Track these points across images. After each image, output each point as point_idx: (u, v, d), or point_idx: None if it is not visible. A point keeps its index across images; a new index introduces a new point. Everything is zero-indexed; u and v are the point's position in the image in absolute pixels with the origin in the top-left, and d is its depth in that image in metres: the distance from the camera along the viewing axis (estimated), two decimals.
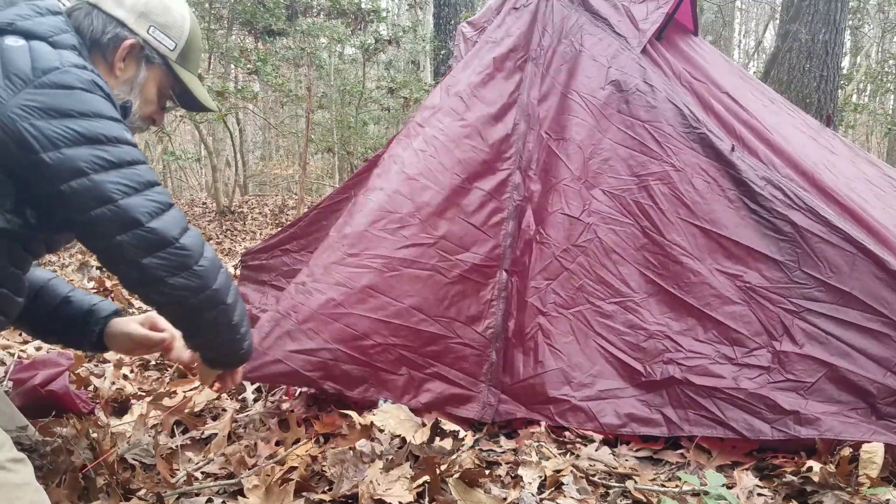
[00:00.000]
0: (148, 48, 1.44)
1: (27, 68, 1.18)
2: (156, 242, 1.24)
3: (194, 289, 1.30)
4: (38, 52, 1.21)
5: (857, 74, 10.52)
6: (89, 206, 1.19)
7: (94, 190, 1.19)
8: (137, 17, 1.42)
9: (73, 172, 1.18)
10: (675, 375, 1.93)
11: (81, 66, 1.24)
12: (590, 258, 2.18)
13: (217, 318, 1.40)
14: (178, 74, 1.49)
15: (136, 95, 1.46)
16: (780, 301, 1.94)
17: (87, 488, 1.48)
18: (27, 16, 1.27)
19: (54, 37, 1.27)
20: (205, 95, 1.55)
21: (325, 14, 8.84)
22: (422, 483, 1.56)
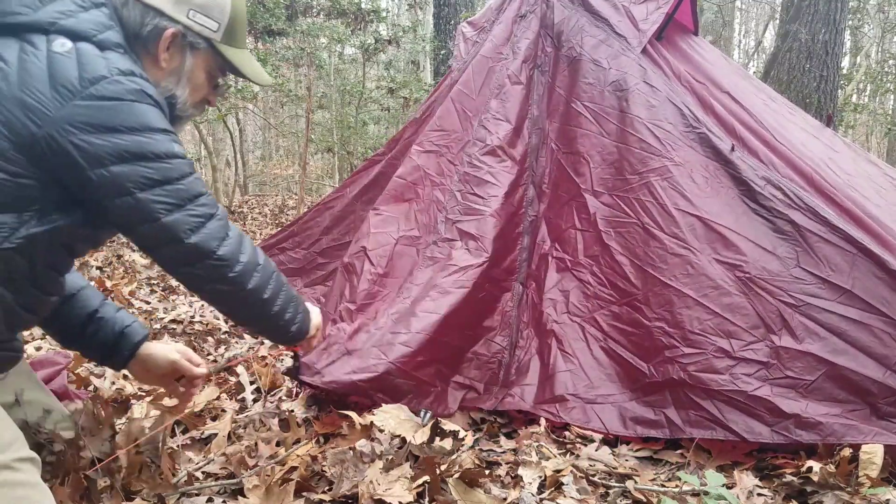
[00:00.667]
0: (191, 34, 1.37)
1: (74, 79, 1.15)
2: (194, 256, 1.28)
3: (229, 293, 1.36)
4: (86, 58, 1.18)
5: (857, 74, 10.52)
6: (133, 222, 1.23)
7: (138, 208, 1.21)
8: (175, 3, 1.34)
9: (119, 191, 1.19)
10: (675, 376, 1.93)
11: (129, 72, 1.21)
12: (602, 267, 2.23)
13: (254, 312, 1.45)
14: (225, 54, 1.43)
15: (185, 85, 1.41)
16: (780, 294, 1.93)
17: (88, 489, 1.48)
18: (70, 12, 1.23)
19: (98, 35, 1.23)
20: (256, 70, 1.49)
21: (325, 14, 8.84)
22: (422, 483, 1.55)
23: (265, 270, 1.42)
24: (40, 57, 1.16)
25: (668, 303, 2.03)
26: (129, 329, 1.61)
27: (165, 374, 1.64)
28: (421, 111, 3.00)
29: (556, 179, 2.44)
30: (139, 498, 1.51)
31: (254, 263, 1.39)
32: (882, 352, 1.79)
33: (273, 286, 1.44)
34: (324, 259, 3.12)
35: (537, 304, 2.28)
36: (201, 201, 1.29)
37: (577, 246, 2.30)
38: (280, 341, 1.64)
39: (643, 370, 2.02)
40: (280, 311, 1.49)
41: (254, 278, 1.38)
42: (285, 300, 1.49)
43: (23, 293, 1.23)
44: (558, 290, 2.27)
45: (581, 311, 2.20)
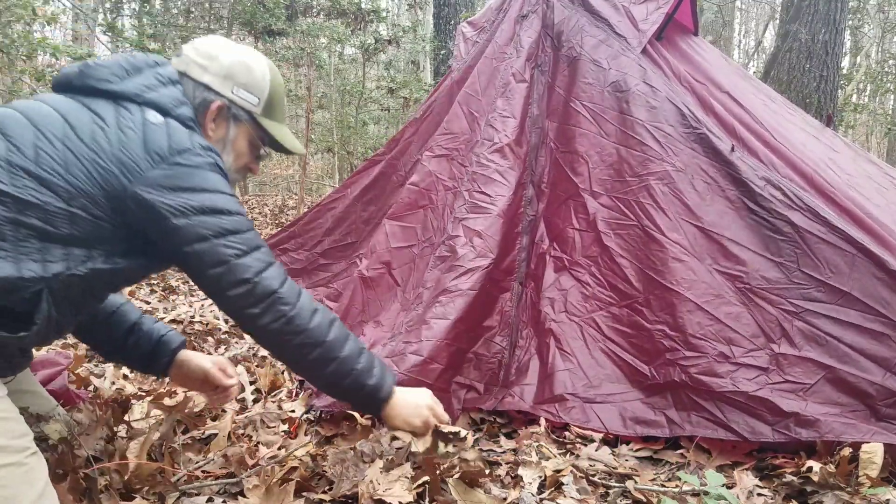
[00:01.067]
0: (234, 107, 1.57)
1: (164, 147, 1.36)
2: (259, 296, 1.42)
3: (292, 332, 1.46)
4: (174, 131, 1.39)
5: (857, 74, 10.52)
6: (208, 264, 1.38)
7: (213, 252, 1.38)
8: (222, 81, 1.55)
9: (198, 237, 1.36)
10: (677, 378, 1.93)
11: (207, 147, 1.43)
12: (601, 268, 2.23)
13: (316, 353, 1.52)
14: (264, 126, 1.62)
15: (229, 152, 1.60)
16: (779, 302, 1.94)
17: (89, 488, 1.48)
18: (152, 86, 1.44)
19: (176, 110, 1.44)
20: (291, 141, 1.68)
21: (325, 14, 8.84)
22: (422, 483, 1.55)
23: (325, 312, 1.53)
24: (136, 124, 1.37)
25: (670, 306, 2.04)
26: (165, 338, 1.78)
27: (203, 382, 1.80)
28: (421, 111, 3.00)
29: (554, 179, 2.44)
30: (139, 497, 1.52)
31: (313, 306, 1.52)
32: (882, 354, 1.79)
33: (337, 330, 1.54)
34: (326, 260, 3.12)
35: (536, 303, 2.28)
36: (263, 250, 1.47)
37: (575, 246, 2.30)
38: (356, 397, 1.62)
39: (644, 372, 2.02)
40: (347, 356, 1.54)
41: (314, 317, 1.50)
42: (353, 346, 1.57)
43: (64, 314, 1.36)
44: (556, 289, 2.27)
45: (579, 311, 2.20)
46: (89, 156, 1.31)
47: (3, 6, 5.48)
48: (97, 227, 1.33)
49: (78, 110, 1.37)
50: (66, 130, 1.33)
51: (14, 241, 1.23)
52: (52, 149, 1.30)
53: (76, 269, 1.31)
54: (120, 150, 1.33)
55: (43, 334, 1.34)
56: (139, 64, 1.48)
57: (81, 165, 1.30)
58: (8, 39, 5.49)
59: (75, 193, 1.29)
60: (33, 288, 1.26)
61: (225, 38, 1.66)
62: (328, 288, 2.99)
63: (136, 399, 2.13)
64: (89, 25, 9.58)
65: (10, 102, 1.44)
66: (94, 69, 1.43)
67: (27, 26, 6.40)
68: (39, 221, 1.26)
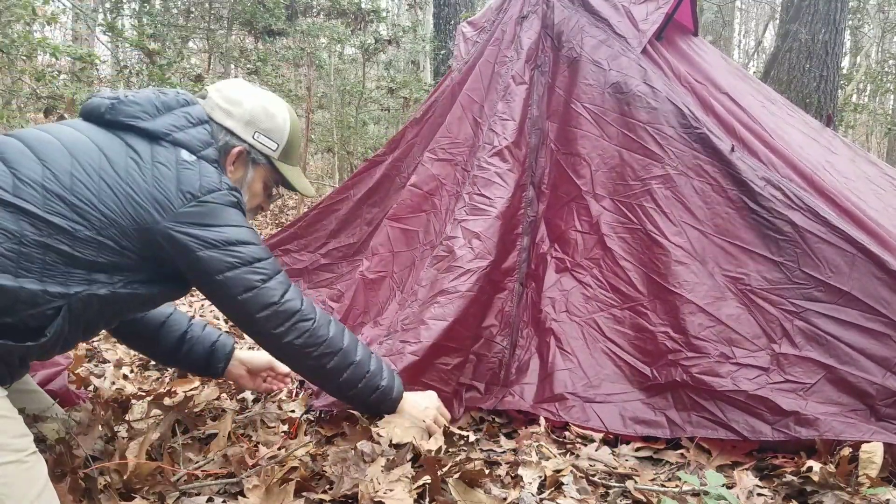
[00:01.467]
0: (254, 152, 1.65)
1: (196, 186, 1.44)
2: (285, 316, 1.53)
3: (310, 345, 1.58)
4: (205, 172, 1.48)
5: (857, 74, 10.52)
6: (237, 292, 1.47)
7: (241, 278, 1.47)
8: (244, 126, 1.63)
9: (226, 266, 1.45)
10: (678, 378, 1.93)
11: (233, 187, 1.52)
12: (603, 270, 2.23)
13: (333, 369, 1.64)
14: (280, 170, 1.70)
15: (245, 192, 1.67)
16: (780, 302, 1.94)
17: (88, 488, 1.48)
18: (181, 126, 1.51)
19: (202, 151, 1.51)
20: (304, 185, 1.76)
21: (325, 14, 8.84)
22: (422, 483, 1.55)
23: (336, 321, 1.65)
24: (171, 162, 1.44)
25: (673, 308, 2.04)
26: (218, 344, 1.90)
27: (256, 375, 1.97)
28: (421, 111, 3.00)
29: (555, 180, 2.45)
30: (139, 497, 1.52)
31: (326, 317, 1.62)
32: (882, 353, 1.79)
33: (348, 338, 1.65)
34: (327, 260, 3.13)
35: (537, 303, 2.28)
36: (282, 274, 1.57)
37: (577, 247, 2.30)
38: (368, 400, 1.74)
39: (645, 372, 2.02)
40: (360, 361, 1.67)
41: (330, 328, 1.61)
42: (364, 351, 1.69)
43: (74, 332, 1.41)
44: (557, 290, 2.27)
45: (580, 312, 2.20)
46: (124, 189, 1.37)
47: (3, 6, 5.48)
48: (123, 257, 1.39)
49: (113, 143, 1.43)
50: (101, 162, 1.38)
51: (41, 265, 1.28)
52: (87, 179, 1.34)
53: (97, 291, 1.36)
54: (154, 186, 1.39)
55: (48, 348, 1.36)
56: (171, 103, 1.53)
57: (115, 198, 1.36)
58: (8, 39, 5.49)
59: (107, 224, 1.34)
60: (55, 304, 1.30)
61: (248, 83, 1.72)
62: (331, 289, 2.99)
63: (136, 399, 2.13)
64: (89, 25, 9.57)
65: (44, 126, 1.48)
66: (126, 105, 1.48)
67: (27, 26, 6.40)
68: (67, 247, 1.31)
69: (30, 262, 1.26)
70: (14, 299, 1.24)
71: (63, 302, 1.31)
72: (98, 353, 2.72)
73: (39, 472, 1.27)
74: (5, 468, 1.21)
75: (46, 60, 7.46)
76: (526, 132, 2.48)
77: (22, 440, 1.28)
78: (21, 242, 1.25)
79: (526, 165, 2.44)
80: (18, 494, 1.21)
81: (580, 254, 2.28)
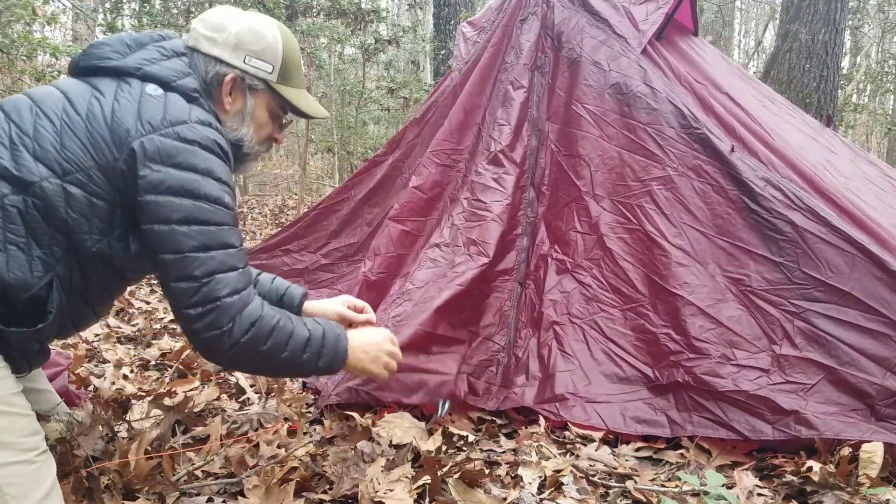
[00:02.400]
0: (248, 77, 1.52)
1: (159, 117, 1.32)
2: (201, 298, 1.33)
3: (223, 343, 1.36)
4: (172, 103, 1.36)
5: (857, 74, 10.52)
6: (160, 249, 1.32)
7: (170, 238, 1.31)
8: (232, 51, 1.49)
9: (160, 218, 1.30)
10: (680, 380, 1.93)
11: (206, 122, 1.38)
12: (603, 270, 2.23)
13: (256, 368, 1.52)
14: (282, 93, 1.56)
15: (249, 124, 1.55)
16: (781, 303, 1.94)
17: (91, 488, 1.48)
18: (154, 59, 1.42)
19: (178, 80, 1.41)
20: (312, 106, 1.62)
21: (325, 14, 8.84)
22: (422, 483, 1.56)
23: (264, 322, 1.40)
24: (134, 95, 1.35)
25: (675, 310, 2.04)
26: (288, 294, 1.78)
27: None
28: (421, 111, 3.00)
29: (555, 181, 2.45)
30: (141, 497, 1.52)
31: (264, 328, 1.39)
32: (882, 354, 1.79)
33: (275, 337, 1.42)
34: (327, 260, 3.12)
35: (537, 304, 2.28)
36: (231, 252, 1.37)
37: (577, 248, 2.31)
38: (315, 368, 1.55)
39: (647, 373, 2.02)
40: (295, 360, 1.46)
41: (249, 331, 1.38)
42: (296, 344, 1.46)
43: (74, 304, 1.37)
44: (558, 292, 2.27)
45: (581, 314, 2.20)
46: (83, 127, 1.30)
47: (3, 6, 5.48)
48: (92, 207, 1.31)
49: (79, 87, 1.37)
50: (64, 106, 1.33)
51: (25, 230, 1.25)
52: (48, 124, 1.30)
53: (79, 255, 1.31)
54: (112, 119, 1.31)
55: (59, 324, 1.35)
56: (143, 39, 1.46)
57: (76, 138, 1.29)
58: (8, 39, 5.49)
59: (69, 169, 1.28)
60: (45, 280, 1.27)
61: (232, 7, 1.59)
62: (331, 289, 2.99)
63: (136, 399, 2.13)
64: (89, 25, 9.58)
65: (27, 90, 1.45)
66: (97, 47, 1.42)
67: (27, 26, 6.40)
68: (40, 201, 1.26)
69: (13, 224, 1.24)
70: (5, 287, 1.22)
71: (51, 275, 1.28)
72: (98, 353, 2.72)
73: (47, 473, 1.26)
74: (13, 468, 1.20)
75: (46, 60, 7.46)
76: (524, 134, 2.48)
77: (32, 439, 1.27)
78: (2, 206, 1.23)
79: (525, 168, 2.44)
80: (25, 495, 1.20)
81: (580, 255, 2.29)
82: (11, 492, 1.19)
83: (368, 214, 3.06)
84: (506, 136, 2.44)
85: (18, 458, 1.22)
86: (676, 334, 2.01)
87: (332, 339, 1.51)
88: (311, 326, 1.49)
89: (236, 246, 1.39)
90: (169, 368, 2.57)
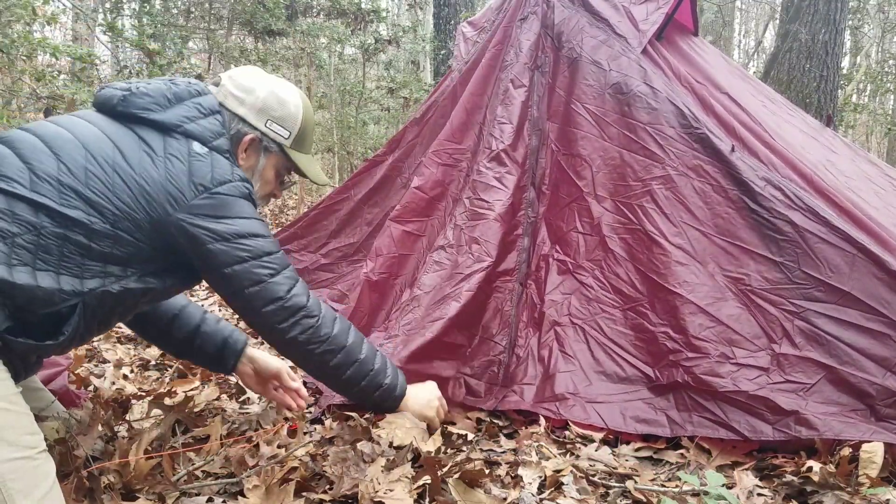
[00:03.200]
0: (266, 139, 1.64)
1: (208, 178, 1.45)
2: (290, 311, 1.54)
3: (314, 341, 1.58)
4: (217, 163, 1.48)
5: (857, 74, 10.51)
6: (244, 285, 1.49)
7: (249, 272, 1.48)
8: (257, 114, 1.62)
9: (235, 259, 1.47)
10: (680, 379, 1.93)
11: (244, 178, 1.52)
12: (604, 271, 2.23)
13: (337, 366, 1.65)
14: (292, 158, 1.69)
15: (257, 179, 1.67)
16: (781, 302, 1.94)
17: (92, 489, 1.48)
18: (193, 117, 1.51)
19: (214, 141, 1.51)
20: (316, 172, 1.76)
21: (325, 14, 8.84)
22: (422, 483, 1.55)
23: (342, 319, 1.65)
24: (183, 154, 1.45)
25: (673, 308, 2.04)
26: (231, 340, 1.87)
27: (267, 382, 1.90)
28: (421, 111, 3.00)
29: (556, 181, 2.45)
30: (141, 497, 1.52)
31: (332, 314, 1.62)
32: (882, 353, 1.79)
33: (353, 335, 1.67)
34: (327, 260, 3.13)
35: (538, 305, 2.28)
36: (290, 268, 1.58)
37: (578, 249, 2.30)
38: (373, 396, 1.77)
39: (648, 374, 2.02)
40: (364, 358, 1.68)
41: (335, 325, 1.62)
42: (369, 348, 1.71)
43: (89, 328, 1.43)
44: (560, 293, 2.27)
45: (582, 314, 2.20)
46: (137, 182, 1.38)
47: (3, 6, 5.48)
48: (137, 249, 1.40)
49: (126, 136, 1.44)
50: (115, 156, 1.39)
51: (59, 255, 1.30)
52: (101, 173, 1.36)
53: (111, 287, 1.38)
54: (167, 179, 1.41)
55: (65, 345, 1.38)
56: (181, 93, 1.53)
57: (129, 191, 1.37)
58: (8, 39, 5.49)
59: (121, 217, 1.36)
60: (70, 301, 1.32)
61: (260, 70, 1.70)
62: (331, 289, 2.99)
63: (136, 399, 2.13)
64: (89, 25, 9.57)
65: (57, 118, 1.48)
66: (138, 97, 1.48)
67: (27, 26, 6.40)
68: (83, 238, 1.32)
69: (47, 252, 1.28)
70: (31, 297, 1.25)
71: (78, 300, 1.32)
72: (98, 353, 2.72)
73: (48, 472, 1.27)
74: (15, 464, 1.21)
75: (46, 60, 7.46)
76: (525, 134, 2.48)
77: (33, 437, 1.28)
78: (40, 234, 1.27)
79: (526, 167, 2.44)
80: (26, 491, 1.20)
81: (582, 255, 2.29)
82: (16, 486, 1.19)
83: (368, 214, 3.06)
84: (507, 135, 2.44)
85: (20, 455, 1.22)
86: (675, 333, 2.01)
87: (395, 367, 1.78)
88: (381, 360, 1.74)
89: (290, 263, 1.59)
90: (169, 368, 2.57)
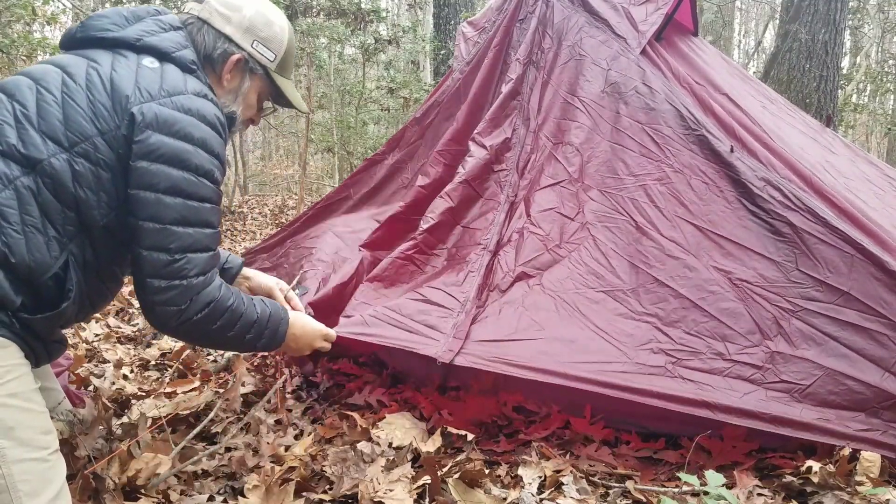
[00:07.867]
0: (252, 61, 1.59)
1: (156, 87, 1.36)
2: (169, 273, 1.36)
3: (175, 319, 1.40)
4: (168, 75, 1.39)
5: (857, 74, 10.52)
6: (143, 215, 1.33)
7: (154, 205, 1.33)
8: (243, 33, 1.56)
9: (148, 185, 1.33)
10: (662, 364, 1.88)
11: (202, 94, 1.41)
12: (582, 254, 2.20)
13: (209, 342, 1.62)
14: (276, 82, 1.65)
15: (239, 103, 1.61)
16: (777, 300, 1.92)
17: (97, 489, 1.49)
18: (152, 31, 1.45)
19: (176, 52, 1.44)
20: (297, 98, 1.71)
21: (325, 14, 8.83)
22: (422, 483, 1.56)
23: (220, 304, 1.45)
24: (131, 66, 1.38)
25: (663, 300, 2.02)
26: (228, 260, 1.85)
27: None
28: (421, 111, 3.00)
29: (542, 167, 2.43)
30: (142, 497, 1.52)
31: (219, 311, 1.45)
32: (880, 354, 1.78)
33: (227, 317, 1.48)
34: None
35: (508, 272, 2.23)
36: (209, 232, 1.41)
37: (558, 229, 2.28)
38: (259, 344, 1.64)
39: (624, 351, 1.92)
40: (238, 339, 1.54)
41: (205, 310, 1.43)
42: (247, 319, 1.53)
43: (90, 282, 1.40)
44: (532, 267, 2.23)
45: (556, 287, 2.15)
46: (84, 96, 1.33)
47: (3, 6, 5.48)
48: (99, 180, 1.33)
49: (75, 60, 1.39)
50: (63, 78, 1.35)
51: (39, 210, 1.27)
52: (50, 97, 1.32)
53: (90, 229, 1.34)
54: (112, 86, 1.34)
55: (78, 305, 1.37)
56: (140, 13, 1.50)
57: (78, 108, 1.32)
58: (8, 39, 5.49)
59: (75, 140, 1.30)
60: (61, 259, 1.29)
61: None
62: None
63: (136, 399, 2.13)
64: None
65: (23, 69, 1.48)
66: (96, 19, 1.46)
67: (27, 26, 6.40)
68: (51, 181, 1.28)
69: (28, 205, 1.26)
70: (28, 271, 1.25)
71: (66, 254, 1.31)
72: (98, 353, 2.72)
73: (59, 473, 1.27)
74: (26, 465, 1.20)
75: None
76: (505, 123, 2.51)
77: (47, 437, 1.27)
78: (16, 188, 1.25)
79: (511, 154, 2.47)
80: (37, 492, 1.20)
81: (562, 236, 2.26)
82: (24, 488, 1.19)
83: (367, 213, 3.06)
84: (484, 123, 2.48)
85: (33, 455, 1.22)
86: (661, 324, 1.98)
87: (274, 325, 1.59)
88: (260, 310, 1.56)
89: (215, 227, 1.44)
90: (169, 368, 2.57)
